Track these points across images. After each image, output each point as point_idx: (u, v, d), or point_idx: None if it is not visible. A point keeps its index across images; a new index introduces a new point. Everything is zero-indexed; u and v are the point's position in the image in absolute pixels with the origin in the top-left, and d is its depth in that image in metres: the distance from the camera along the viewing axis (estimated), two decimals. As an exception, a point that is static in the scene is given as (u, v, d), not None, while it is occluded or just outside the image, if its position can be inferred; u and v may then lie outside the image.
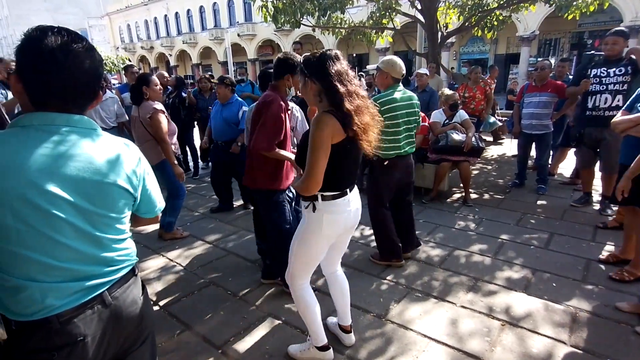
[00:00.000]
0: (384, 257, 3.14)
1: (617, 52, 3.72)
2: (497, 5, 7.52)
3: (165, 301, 2.74)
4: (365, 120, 1.62)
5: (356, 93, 1.62)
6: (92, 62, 0.99)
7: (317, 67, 1.62)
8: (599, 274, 2.87)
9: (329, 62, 1.59)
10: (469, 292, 2.72)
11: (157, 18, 36.35)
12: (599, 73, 3.80)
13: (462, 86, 6.26)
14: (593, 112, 3.86)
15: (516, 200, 4.57)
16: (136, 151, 1.13)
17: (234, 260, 3.36)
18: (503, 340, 2.22)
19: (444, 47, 19.32)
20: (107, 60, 26.98)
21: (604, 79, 3.77)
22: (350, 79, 1.63)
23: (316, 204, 1.74)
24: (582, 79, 3.90)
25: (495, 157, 6.94)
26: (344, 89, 1.58)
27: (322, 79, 1.60)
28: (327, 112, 1.60)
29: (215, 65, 32.77)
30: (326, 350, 2.05)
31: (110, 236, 1.05)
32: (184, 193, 3.83)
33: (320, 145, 1.58)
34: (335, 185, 1.74)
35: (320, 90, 1.62)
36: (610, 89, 3.73)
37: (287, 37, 26.49)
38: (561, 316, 2.41)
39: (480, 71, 6.29)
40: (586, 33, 19.28)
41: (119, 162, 1.04)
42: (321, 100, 1.65)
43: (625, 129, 2.77)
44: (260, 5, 6.89)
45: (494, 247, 3.40)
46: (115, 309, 1.06)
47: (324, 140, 1.57)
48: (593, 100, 3.85)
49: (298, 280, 1.95)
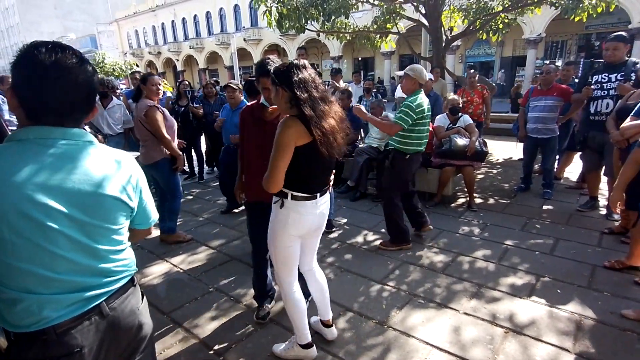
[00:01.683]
0: (395, 242, 3.50)
1: (619, 57, 3.71)
2: (502, 8, 7.49)
3: (168, 307, 2.76)
4: (331, 124, 1.72)
5: (322, 99, 1.73)
6: (85, 76, 1.01)
7: (285, 76, 1.72)
8: (605, 281, 2.84)
9: (294, 71, 1.70)
10: (472, 298, 2.71)
11: (164, 24, 36.81)
12: (600, 79, 3.83)
13: (460, 90, 6.23)
14: (596, 117, 3.85)
15: (521, 205, 4.53)
16: (132, 163, 1.14)
17: (238, 266, 3.37)
18: (506, 348, 2.20)
19: (450, 51, 19.30)
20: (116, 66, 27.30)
21: (605, 85, 3.79)
22: (317, 86, 1.73)
23: (285, 201, 1.84)
24: (584, 86, 3.91)
25: (501, 161, 6.89)
26: (305, 95, 1.67)
27: (289, 87, 1.70)
28: (293, 116, 1.70)
29: (222, 70, 33.03)
30: (309, 348, 2.13)
31: (107, 247, 1.06)
32: (180, 194, 3.86)
33: (281, 146, 1.68)
34: (305, 187, 1.83)
35: (291, 97, 1.70)
36: (612, 94, 3.73)
37: (292, 41, 26.65)
38: (565, 323, 2.38)
39: (476, 75, 6.24)
40: (593, 35, 19.11)
41: (114, 174, 1.06)
42: (292, 106, 1.72)
43: (634, 134, 2.75)
44: (264, 10, 6.94)
45: (498, 252, 3.37)
46: (113, 320, 1.08)
47: (285, 142, 1.67)
48: (595, 105, 3.86)
49: (284, 277, 2.03)
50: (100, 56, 27.40)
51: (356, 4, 7.55)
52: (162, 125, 3.39)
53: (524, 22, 16.46)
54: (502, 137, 7.92)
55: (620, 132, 2.98)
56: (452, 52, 20.47)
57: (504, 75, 21.24)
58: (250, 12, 29.30)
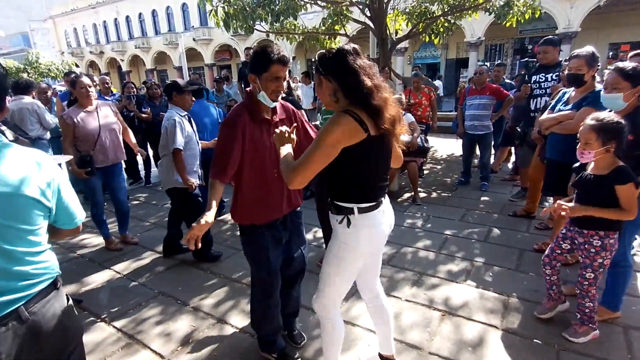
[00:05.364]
0: None
1: (550, 59, 4.05)
2: (441, 12, 7.92)
3: (110, 315, 2.66)
4: (394, 113, 1.49)
5: (382, 87, 1.47)
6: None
7: (333, 64, 1.47)
8: (530, 262, 3.12)
9: (349, 58, 1.45)
10: (413, 286, 2.86)
11: (106, 22, 34.76)
12: (538, 79, 4.13)
13: (407, 92, 6.42)
14: (535, 113, 4.17)
15: (461, 198, 4.83)
16: (50, 163, 1.12)
17: (185, 268, 3.31)
18: (442, 329, 2.36)
19: (398, 53, 20.04)
20: (52, 66, 25.26)
21: (543, 84, 4.11)
22: (375, 73, 1.49)
23: (352, 218, 1.54)
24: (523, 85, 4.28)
25: (445, 157, 7.28)
26: (370, 82, 1.43)
27: (339, 76, 1.45)
28: (345, 112, 1.43)
29: (171, 71, 31.84)
30: None
31: (23, 249, 1.03)
32: (95, 201, 3.63)
33: (324, 145, 1.41)
34: (370, 195, 1.55)
35: (336, 89, 1.47)
36: (549, 92, 4.04)
37: (244, 42, 26.23)
38: (494, 303, 2.60)
39: (420, 79, 6.37)
40: (527, 39, 20.68)
41: (29, 174, 1.04)
42: (337, 99, 1.49)
43: (549, 127, 3.05)
44: (210, 10, 6.82)
45: (438, 242, 3.59)
46: (34, 325, 1.05)
47: (330, 142, 1.41)
48: (535, 102, 4.18)
49: (332, 309, 1.75)
50: (34, 55, 25.24)
51: (304, 5, 7.65)
52: (66, 133, 3.31)
53: (462, 27, 17.44)
54: (446, 135, 8.35)
55: (539, 123, 3.27)
56: (401, 54, 21.25)
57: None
58: (199, 12, 28.45)
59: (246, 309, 2.65)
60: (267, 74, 1.73)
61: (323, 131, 1.42)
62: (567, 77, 2.90)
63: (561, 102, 3.03)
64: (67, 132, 3.30)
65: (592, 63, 2.74)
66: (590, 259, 2.10)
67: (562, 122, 2.85)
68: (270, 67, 1.72)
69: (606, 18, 17.55)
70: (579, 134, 2.03)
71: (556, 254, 2.30)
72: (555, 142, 2.98)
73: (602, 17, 17.42)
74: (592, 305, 2.16)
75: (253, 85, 1.80)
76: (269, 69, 1.72)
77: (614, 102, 2.21)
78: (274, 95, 1.78)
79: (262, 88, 1.77)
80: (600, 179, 2.00)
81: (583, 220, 2.10)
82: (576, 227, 2.16)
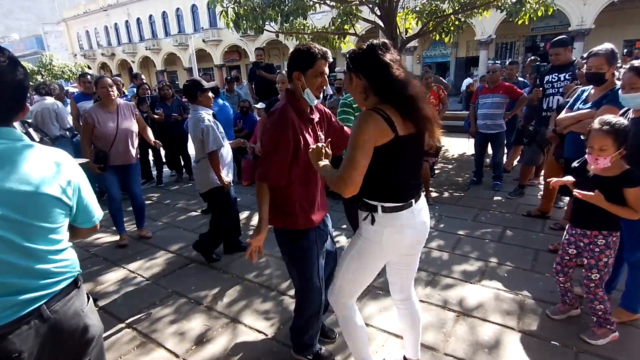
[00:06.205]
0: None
1: (562, 60, 4.00)
2: (452, 11, 7.84)
3: (124, 314, 2.68)
4: (429, 111, 1.47)
5: (413, 82, 1.45)
6: (15, 76, 1.00)
7: (364, 60, 1.45)
8: (546, 263, 3.06)
9: (380, 52, 1.43)
10: (426, 286, 2.84)
11: (117, 24, 35.26)
12: (551, 79, 4.10)
13: None
14: (547, 112, 4.13)
15: (474, 197, 4.78)
16: (70, 162, 1.13)
17: (198, 268, 3.33)
18: (457, 330, 2.34)
19: (407, 52, 19.93)
20: (65, 68, 25.71)
21: (555, 83, 4.07)
22: (406, 68, 1.48)
23: (375, 215, 1.53)
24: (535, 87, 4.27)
25: (456, 156, 7.21)
26: (402, 75, 1.41)
27: (370, 71, 1.44)
28: (372, 109, 1.42)
29: (181, 72, 32.14)
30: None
31: (45, 247, 1.04)
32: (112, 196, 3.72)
33: (359, 144, 1.40)
34: (396, 195, 1.52)
35: (366, 86, 1.46)
36: (562, 92, 3.99)
37: (253, 42, 26.36)
38: (510, 304, 2.56)
39: (432, 77, 6.35)
40: (539, 37, 20.40)
41: (50, 173, 1.04)
42: (367, 97, 1.48)
43: (568, 125, 3.00)
44: (221, 11, 6.86)
45: (452, 242, 3.55)
46: (55, 323, 1.05)
47: (363, 139, 1.39)
48: (547, 102, 4.14)
49: (346, 299, 1.74)
50: (47, 58, 25.72)
51: (313, 5, 7.64)
52: (85, 131, 3.46)
53: (473, 25, 17.25)
54: (457, 134, 8.28)
55: (557, 123, 3.22)
56: (410, 53, 21.13)
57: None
58: (209, 13, 28.68)
59: (259, 308, 2.66)
60: (312, 70, 1.72)
61: (354, 132, 1.42)
62: (586, 76, 2.85)
63: (580, 100, 2.97)
64: (86, 129, 3.43)
65: (612, 61, 2.69)
66: (596, 258, 2.10)
67: (582, 121, 2.79)
68: (315, 62, 1.72)
69: (620, 14, 17.22)
70: (590, 140, 2.00)
71: (566, 261, 2.29)
72: (574, 141, 2.93)
73: (616, 14, 17.11)
74: (603, 307, 2.13)
75: (296, 83, 1.77)
76: (315, 64, 1.72)
77: (634, 101, 2.18)
78: (318, 92, 1.78)
79: (307, 85, 1.75)
80: (608, 181, 2.00)
81: (584, 221, 2.13)
82: (577, 228, 2.18)
